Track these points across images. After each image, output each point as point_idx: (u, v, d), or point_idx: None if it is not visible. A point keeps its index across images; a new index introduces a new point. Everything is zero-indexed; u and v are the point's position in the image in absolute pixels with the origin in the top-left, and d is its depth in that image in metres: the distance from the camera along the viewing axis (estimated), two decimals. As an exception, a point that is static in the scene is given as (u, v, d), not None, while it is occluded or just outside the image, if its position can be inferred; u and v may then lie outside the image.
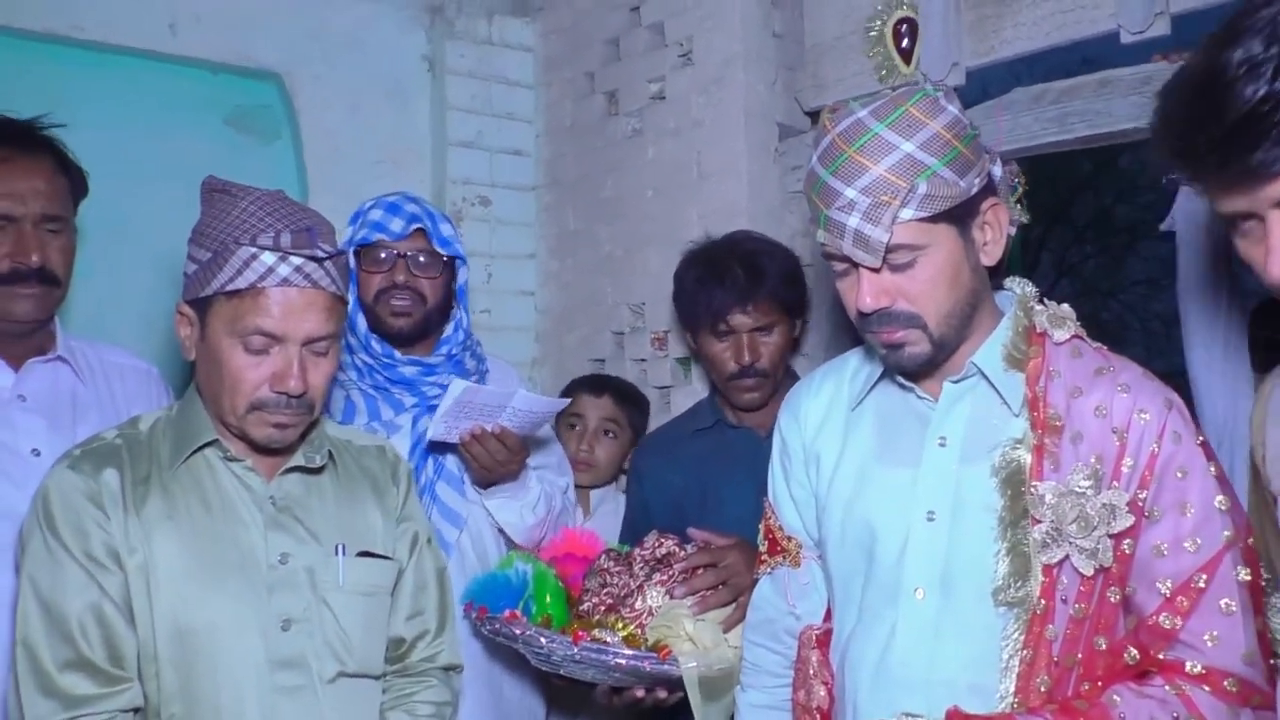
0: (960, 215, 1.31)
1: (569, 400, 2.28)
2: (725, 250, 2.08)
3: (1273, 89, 0.93)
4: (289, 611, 1.46)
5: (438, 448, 2.02)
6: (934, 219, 1.29)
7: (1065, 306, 1.41)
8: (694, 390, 2.52)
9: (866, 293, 1.32)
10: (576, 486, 2.38)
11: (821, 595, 1.55)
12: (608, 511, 2.39)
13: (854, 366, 1.53)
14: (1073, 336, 1.38)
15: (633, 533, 2.13)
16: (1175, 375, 1.74)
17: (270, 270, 1.38)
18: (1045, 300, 1.44)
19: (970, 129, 1.33)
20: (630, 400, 2.52)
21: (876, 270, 1.31)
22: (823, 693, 1.48)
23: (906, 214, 1.27)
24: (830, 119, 1.34)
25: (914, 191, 1.27)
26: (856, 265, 1.32)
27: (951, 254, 1.32)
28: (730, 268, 2.02)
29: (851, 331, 1.85)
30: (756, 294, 1.99)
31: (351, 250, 2.01)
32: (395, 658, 1.61)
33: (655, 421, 2.53)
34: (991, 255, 1.37)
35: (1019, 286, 1.45)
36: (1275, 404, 1.21)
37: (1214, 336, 1.82)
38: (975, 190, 1.32)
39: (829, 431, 1.51)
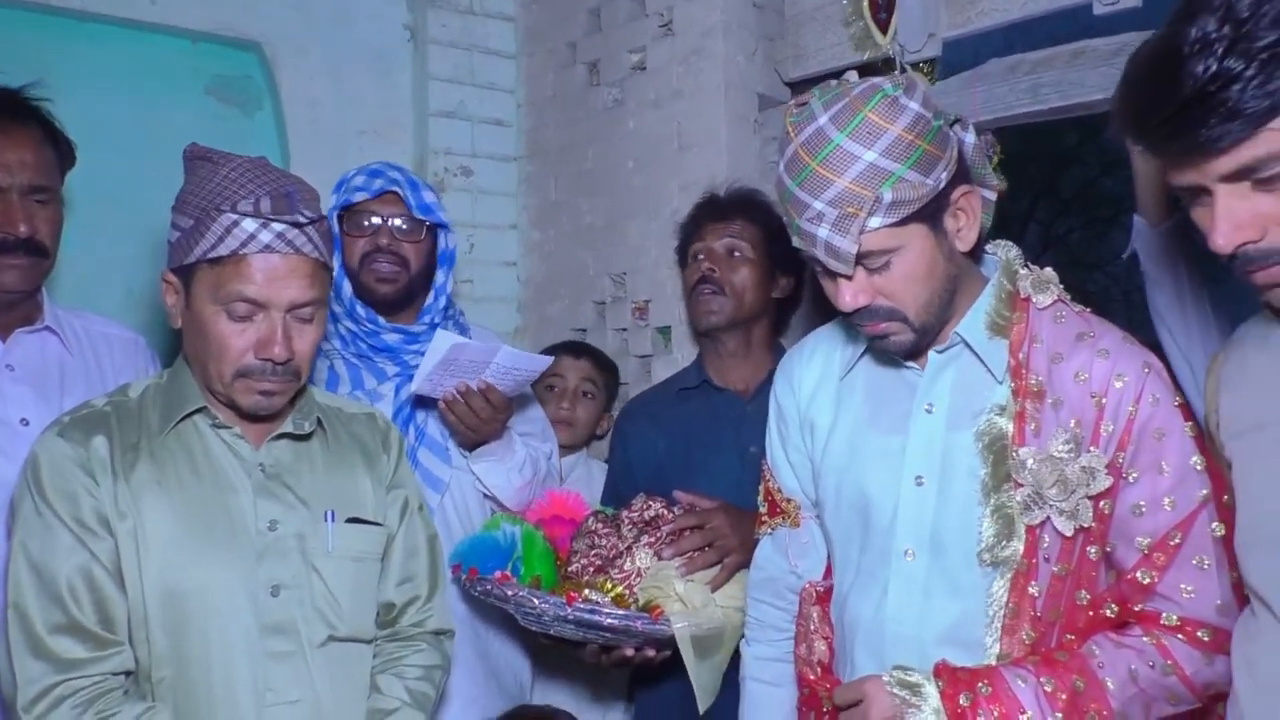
0: (931, 212, 1.33)
1: (552, 359, 2.31)
2: (723, 188, 2.25)
3: (1222, 67, 0.94)
4: (278, 577, 1.47)
5: (420, 408, 2.04)
6: (903, 221, 1.30)
7: (1048, 270, 1.44)
8: (674, 359, 2.55)
9: (845, 293, 1.35)
10: None
11: (821, 553, 1.60)
12: (579, 478, 2.43)
13: (844, 335, 1.56)
14: (1055, 301, 1.41)
15: (615, 494, 2.17)
16: (1158, 345, 1.73)
17: (252, 237, 1.39)
18: (1029, 265, 1.46)
19: (933, 121, 1.32)
20: (607, 366, 2.59)
21: (850, 277, 1.34)
22: (823, 647, 1.54)
23: (875, 222, 1.29)
24: (793, 125, 1.34)
25: (879, 201, 1.28)
26: None
27: (925, 250, 1.34)
28: (718, 195, 2.20)
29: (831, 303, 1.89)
30: (734, 214, 2.13)
31: (335, 215, 2.02)
32: (386, 623, 1.63)
33: (636, 391, 2.57)
34: (966, 240, 1.38)
35: (1003, 251, 1.46)
36: (1227, 374, 1.24)
37: (1193, 359, 1.75)
38: (944, 184, 1.32)
39: (822, 398, 1.55)
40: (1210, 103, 0.95)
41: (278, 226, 1.40)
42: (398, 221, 2.04)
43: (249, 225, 1.39)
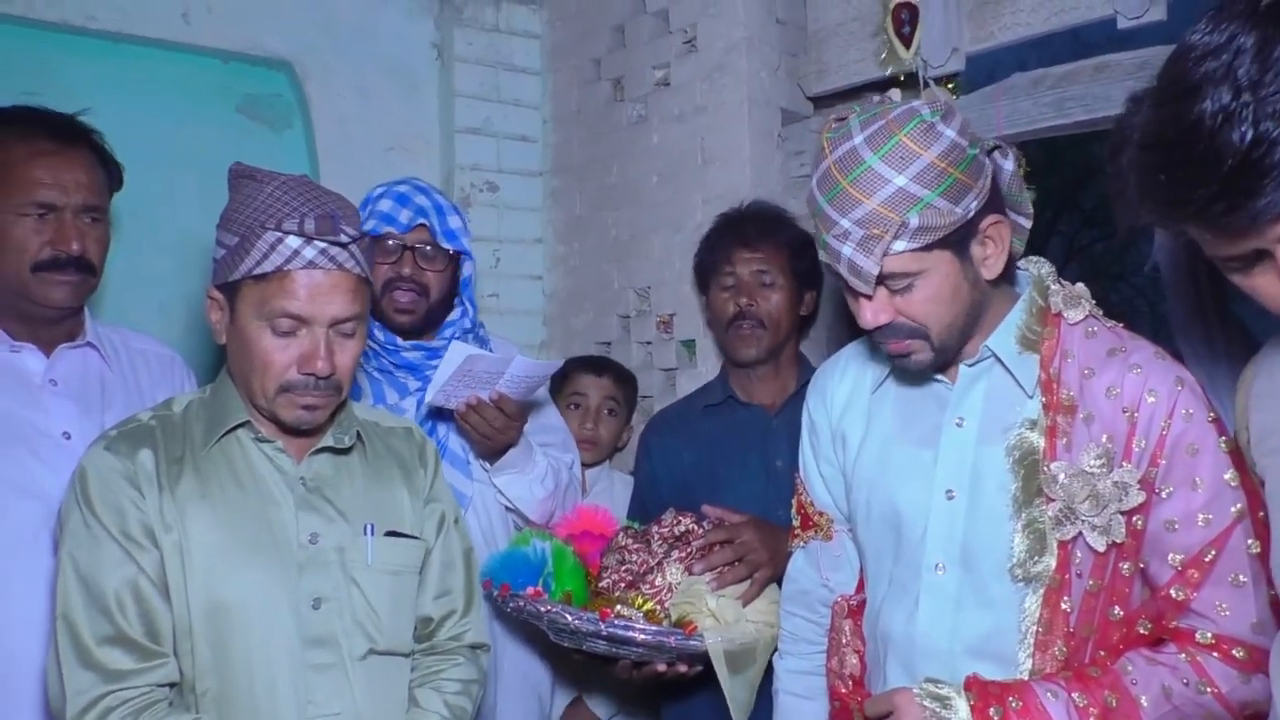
0: (957, 239, 1.33)
1: (563, 361, 2.34)
2: (742, 208, 2.24)
3: (1260, 131, 0.92)
4: (319, 590, 1.49)
5: (440, 423, 2.05)
6: (928, 247, 1.31)
7: (1080, 286, 1.44)
8: (698, 373, 2.57)
9: (867, 311, 1.37)
10: None
11: (853, 566, 1.61)
12: (602, 490, 2.45)
13: (876, 349, 1.56)
14: (1087, 316, 1.41)
15: (641, 508, 2.18)
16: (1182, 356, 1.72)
17: (295, 253, 1.42)
18: (1061, 280, 1.46)
19: (968, 150, 1.32)
20: (627, 381, 2.60)
21: (871, 297, 1.36)
22: (855, 660, 1.55)
23: (899, 246, 1.30)
24: (828, 141, 1.35)
25: (905, 226, 1.29)
26: None
27: (948, 276, 1.35)
28: (740, 218, 2.19)
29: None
30: (761, 240, 2.12)
31: None
32: (423, 636, 1.64)
33: (661, 404, 2.59)
34: (993, 269, 1.39)
35: (1035, 267, 1.47)
36: (1258, 389, 1.23)
37: (1215, 371, 1.74)
38: (973, 213, 1.33)
39: (854, 412, 1.57)
40: (1259, 168, 0.93)
41: (321, 243, 1.43)
42: (424, 249, 2.06)
43: (293, 242, 1.42)
